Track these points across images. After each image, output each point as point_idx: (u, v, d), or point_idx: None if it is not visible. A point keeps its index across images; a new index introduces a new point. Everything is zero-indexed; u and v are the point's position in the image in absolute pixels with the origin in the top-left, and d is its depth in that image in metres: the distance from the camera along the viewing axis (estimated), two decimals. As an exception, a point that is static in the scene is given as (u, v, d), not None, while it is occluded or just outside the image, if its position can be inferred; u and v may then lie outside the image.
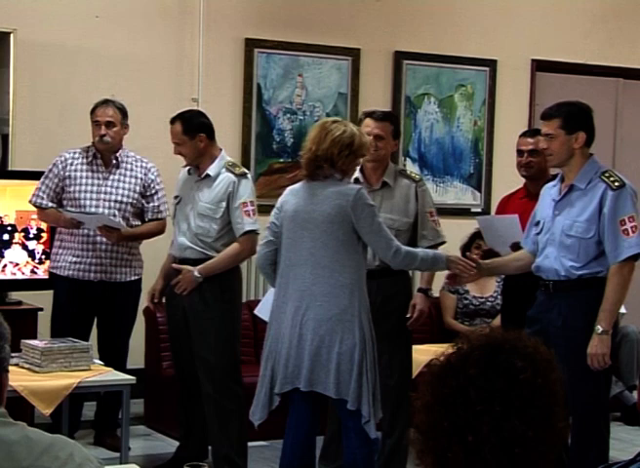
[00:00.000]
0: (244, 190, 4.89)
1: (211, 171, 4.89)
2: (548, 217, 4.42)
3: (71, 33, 6.29)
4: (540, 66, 7.73)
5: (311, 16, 6.99)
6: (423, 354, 5.03)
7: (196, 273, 4.80)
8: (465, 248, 6.56)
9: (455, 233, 6.64)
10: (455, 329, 6.21)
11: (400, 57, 7.27)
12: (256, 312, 4.88)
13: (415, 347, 5.21)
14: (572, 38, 7.79)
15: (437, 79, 7.43)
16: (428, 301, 4.97)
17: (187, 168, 4.99)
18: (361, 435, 4.13)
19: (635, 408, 6.48)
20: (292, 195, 4.28)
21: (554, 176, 4.68)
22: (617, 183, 4.28)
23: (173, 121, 4.95)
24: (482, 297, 6.41)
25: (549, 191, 4.51)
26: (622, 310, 6.85)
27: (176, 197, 5.04)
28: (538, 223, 4.50)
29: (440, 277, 6.54)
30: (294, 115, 6.98)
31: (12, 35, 6.08)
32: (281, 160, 6.93)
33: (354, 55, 7.12)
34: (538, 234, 4.48)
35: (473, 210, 7.32)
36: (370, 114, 4.97)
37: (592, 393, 4.31)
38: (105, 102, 5.39)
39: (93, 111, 5.38)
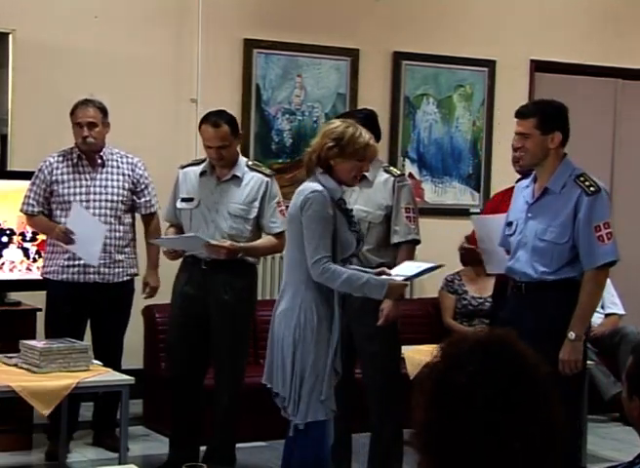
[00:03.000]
0: (277, 190, 5.03)
1: (238, 172, 4.92)
2: (521, 220, 4.35)
3: (70, 34, 6.29)
4: (538, 67, 7.73)
5: (310, 16, 6.99)
6: (423, 354, 5.01)
7: (240, 252, 4.82)
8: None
9: (453, 233, 6.64)
10: (454, 329, 6.21)
11: (399, 57, 7.27)
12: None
13: (414, 347, 5.22)
14: (571, 38, 7.79)
15: (436, 79, 7.43)
16: (398, 306, 4.72)
17: (201, 170, 4.95)
18: (309, 435, 4.02)
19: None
20: None
21: (527, 174, 4.58)
22: (592, 188, 4.20)
23: (217, 124, 4.86)
24: (481, 298, 6.40)
25: (522, 192, 4.44)
26: (621, 311, 6.89)
27: (189, 199, 4.96)
28: (510, 224, 4.44)
29: (439, 278, 6.56)
30: (293, 115, 6.98)
31: (11, 35, 6.09)
32: (280, 160, 6.92)
33: (353, 55, 7.11)
34: (510, 235, 4.42)
35: (472, 210, 7.31)
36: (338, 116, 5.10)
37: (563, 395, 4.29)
38: (85, 103, 5.36)
39: (73, 112, 5.35)
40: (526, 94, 7.60)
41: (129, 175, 5.41)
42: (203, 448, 5.07)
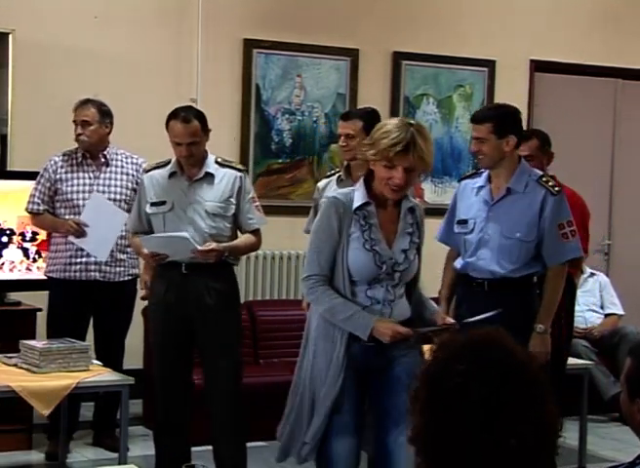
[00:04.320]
0: (250, 185, 4.85)
1: (210, 168, 4.72)
2: (480, 218, 4.43)
3: (70, 34, 6.29)
4: (538, 67, 7.73)
5: (310, 16, 6.99)
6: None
7: (225, 252, 4.64)
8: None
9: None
10: (453, 329, 6.20)
11: (399, 57, 7.27)
12: None
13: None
14: (570, 38, 7.79)
15: (436, 79, 7.43)
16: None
17: (170, 171, 4.72)
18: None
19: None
20: None
21: (475, 174, 4.65)
22: (556, 189, 4.38)
23: (187, 119, 4.66)
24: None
25: (473, 190, 4.51)
26: (621, 312, 6.90)
27: (160, 203, 4.69)
28: (464, 222, 4.50)
29: (439, 278, 6.56)
30: (292, 115, 6.98)
31: (10, 35, 6.10)
32: (279, 160, 6.92)
33: (353, 55, 7.11)
34: (466, 233, 4.49)
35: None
36: (341, 116, 5.10)
37: None
38: (85, 102, 5.40)
39: (74, 111, 5.39)
40: (526, 94, 7.60)
41: (133, 175, 5.42)
42: (198, 449, 5.03)
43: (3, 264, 5.55)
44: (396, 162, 3.46)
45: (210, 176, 4.72)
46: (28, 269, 5.61)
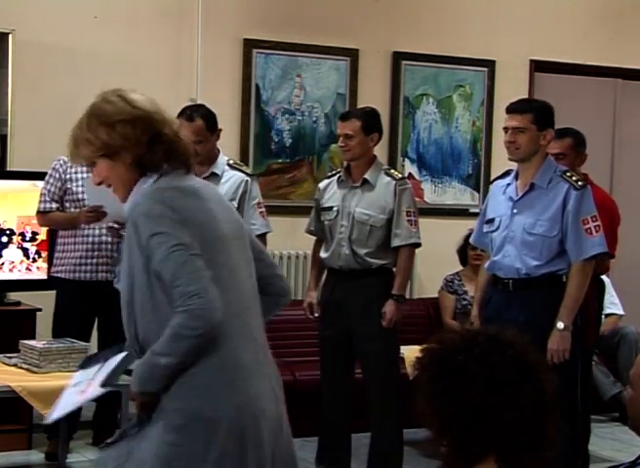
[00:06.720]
0: (257, 190, 4.83)
1: (217, 169, 4.74)
2: (506, 216, 4.43)
3: (70, 34, 6.29)
4: (538, 67, 7.74)
5: (310, 16, 6.99)
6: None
7: None
8: (462, 250, 6.58)
9: (453, 234, 6.67)
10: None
11: (399, 57, 7.27)
12: None
13: (414, 347, 5.21)
14: (570, 38, 7.79)
15: (436, 79, 7.42)
16: (400, 308, 4.83)
17: None
18: None
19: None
20: None
21: (505, 173, 4.68)
22: (580, 183, 4.34)
23: (191, 118, 4.69)
24: (481, 298, 6.40)
25: (502, 189, 4.51)
26: (620, 312, 6.90)
27: None
28: (492, 221, 4.50)
29: (439, 278, 6.57)
30: (292, 116, 6.97)
31: (10, 35, 6.09)
32: (279, 160, 6.92)
33: (353, 55, 7.11)
34: (492, 232, 4.49)
35: (472, 210, 7.31)
36: (340, 117, 5.10)
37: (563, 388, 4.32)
38: None
39: None
40: (526, 94, 7.59)
41: None
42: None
43: (3, 264, 5.56)
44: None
45: (215, 177, 4.71)
46: (28, 269, 5.62)
